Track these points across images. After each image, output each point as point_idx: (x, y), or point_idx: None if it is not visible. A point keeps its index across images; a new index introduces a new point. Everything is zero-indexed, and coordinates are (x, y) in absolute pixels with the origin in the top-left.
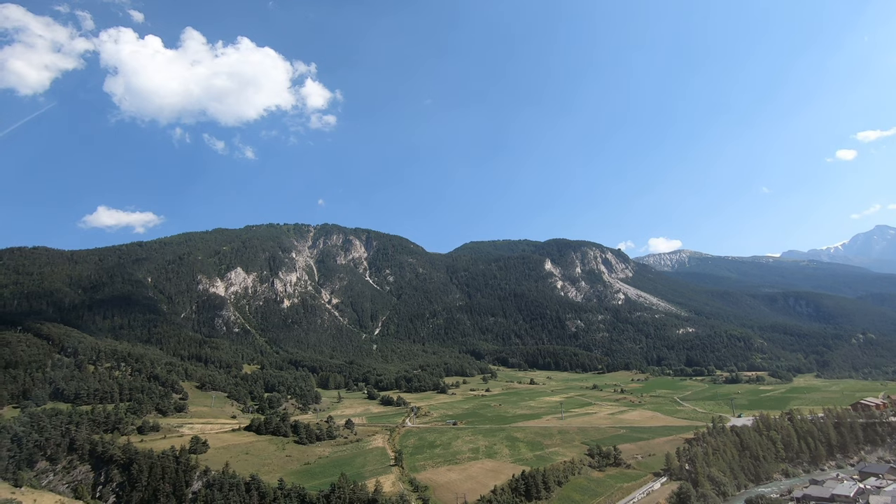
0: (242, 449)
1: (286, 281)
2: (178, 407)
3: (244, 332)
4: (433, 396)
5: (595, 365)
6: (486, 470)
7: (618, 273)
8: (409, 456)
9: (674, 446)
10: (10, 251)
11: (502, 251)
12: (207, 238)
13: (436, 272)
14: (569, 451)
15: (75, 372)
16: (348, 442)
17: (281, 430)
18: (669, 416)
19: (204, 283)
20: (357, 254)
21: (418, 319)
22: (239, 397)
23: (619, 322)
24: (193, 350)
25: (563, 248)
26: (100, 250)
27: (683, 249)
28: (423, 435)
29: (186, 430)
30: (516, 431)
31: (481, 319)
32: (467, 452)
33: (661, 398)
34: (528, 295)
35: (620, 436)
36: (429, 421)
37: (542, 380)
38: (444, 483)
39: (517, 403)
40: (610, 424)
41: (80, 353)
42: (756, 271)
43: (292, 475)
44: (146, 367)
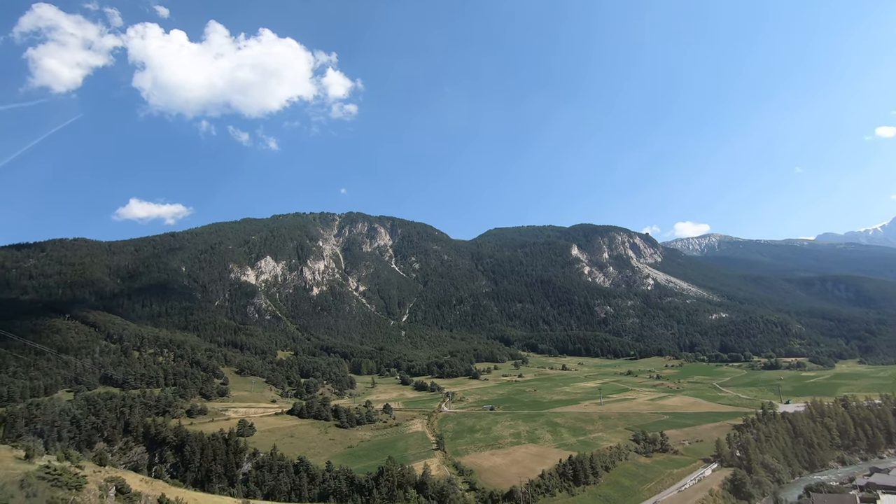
0: (287, 432)
1: (314, 269)
2: (220, 391)
3: (275, 319)
4: (466, 382)
5: (627, 351)
6: (531, 454)
7: (646, 258)
8: (450, 440)
9: (721, 433)
10: (52, 243)
11: (527, 237)
12: (236, 228)
13: (461, 259)
14: (613, 437)
15: (122, 358)
16: (388, 426)
17: (322, 415)
18: (712, 403)
19: (235, 271)
20: (382, 241)
21: (445, 306)
22: (276, 382)
23: (650, 308)
24: (229, 337)
25: (590, 234)
26: (135, 241)
27: (712, 233)
28: (461, 420)
29: (232, 413)
30: (556, 417)
31: (508, 306)
32: (509, 437)
33: (700, 384)
34: (555, 281)
35: (664, 422)
36: (465, 406)
37: (574, 366)
38: (489, 467)
39: (552, 389)
40: (652, 410)
41: (124, 339)
42: (790, 255)
43: (337, 458)
44: (187, 353)
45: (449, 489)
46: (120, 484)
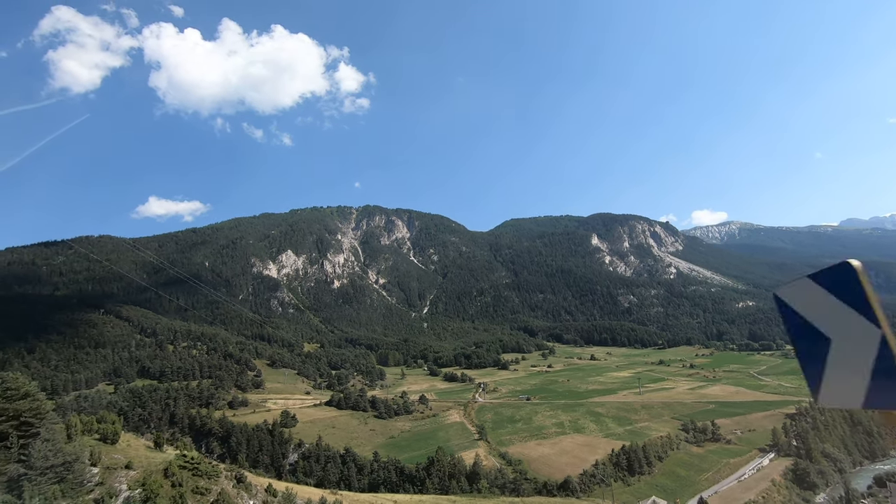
0: (328, 423)
1: (334, 262)
2: (255, 383)
3: (298, 312)
4: (495, 373)
5: (654, 340)
6: (579, 444)
7: (667, 246)
8: (492, 430)
9: (773, 421)
10: (79, 240)
11: (544, 227)
12: (256, 223)
13: (479, 250)
14: (660, 426)
15: (157, 351)
16: (425, 417)
17: (360, 405)
18: (756, 391)
19: (257, 265)
20: (400, 234)
21: (466, 297)
22: (308, 374)
23: (674, 296)
24: (256, 330)
25: (609, 223)
26: (158, 237)
27: (732, 221)
28: (498, 410)
29: (271, 404)
30: (596, 406)
31: (530, 296)
32: (552, 427)
33: (737, 373)
34: (575, 271)
35: (711, 411)
36: (499, 396)
37: (602, 356)
38: (536, 457)
39: (584, 379)
40: (694, 399)
41: (158, 333)
42: (813, 241)
43: (381, 448)
44: (220, 345)
45: (500, 479)
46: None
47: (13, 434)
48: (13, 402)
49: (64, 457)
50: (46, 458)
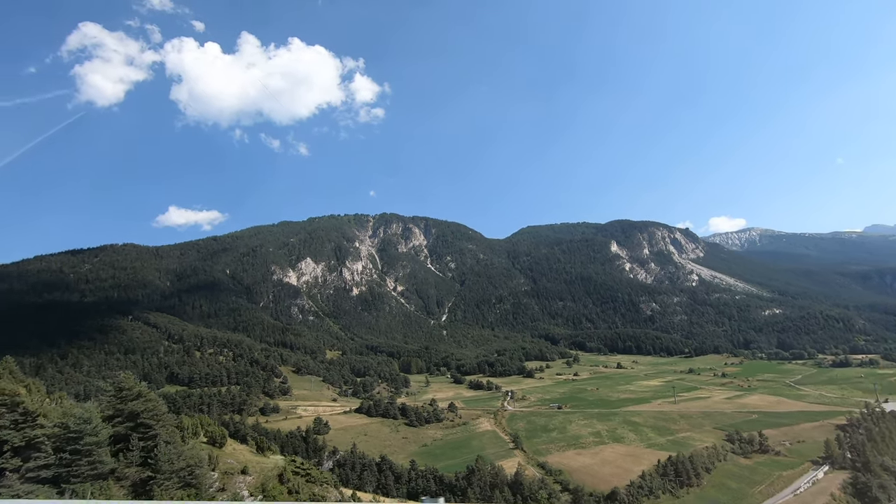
0: (360, 430)
1: (353, 269)
2: (282, 390)
3: (318, 319)
4: (520, 381)
5: (681, 348)
6: (621, 455)
7: (688, 253)
8: (526, 439)
9: (823, 432)
10: (103, 248)
11: (561, 234)
12: (275, 231)
13: (497, 258)
14: (703, 436)
15: (185, 357)
16: (455, 425)
17: (390, 413)
18: (798, 401)
19: (277, 273)
20: (417, 241)
21: (484, 305)
22: (333, 381)
23: (697, 304)
24: (278, 337)
25: (628, 230)
26: (179, 245)
27: (753, 228)
28: (530, 419)
29: (301, 411)
30: (632, 416)
31: (549, 304)
32: (589, 436)
33: (771, 382)
34: (595, 278)
35: (754, 421)
36: (529, 405)
37: (629, 364)
38: (578, 468)
39: (614, 388)
40: (735, 409)
41: (185, 339)
42: (838, 248)
43: (415, 456)
44: (245, 352)
45: (542, 490)
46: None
47: (134, 436)
48: (128, 403)
49: (187, 460)
50: (171, 462)
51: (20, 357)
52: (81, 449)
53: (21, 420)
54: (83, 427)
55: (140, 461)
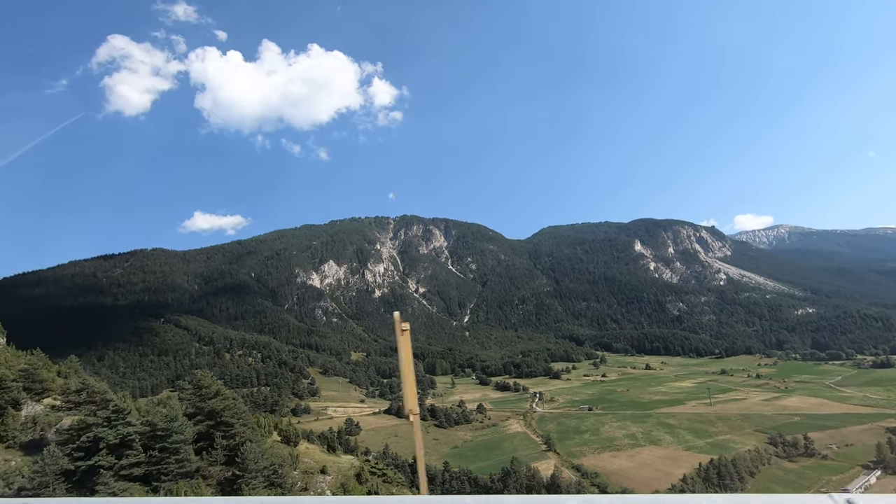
0: (390, 431)
1: (375, 271)
2: (310, 391)
3: (342, 320)
4: (547, 382)
5: (710, 349)
6: (659, 457)
7: (715, 252)
8: (559, 441)
9: (873, 435)
10: (133, 253)
11: (583, 234)
12: (297, 234)
13: (518, 258)
14: (744, 439)
15: (216, 359)
16: (485, 426)
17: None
18: (841, 403)
19: (301, 276)
20: (437, 243)
21: (507, 306)
22: (360, 382)
23: (726, 304)
24: (303, 339)
25: (652, 228)
26: (206, 249)
27: (781, 225)
28: (560, 420)
29: (332, 412)
30: (666, 418)
31: (573, 304)
32: (623, 439)
33: (810, 384)
34: (619, 278)
35: (796, 423)
36: (558, 406)
37: (657, 365)
38: (614, 470)
39: (644, 389)
40: (774, 411)
41: (215, 341)
42: (872, 244)
43: (447, 458)
44: (273, 354)
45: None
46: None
47: (217, 435)
48: (207, 401)
49: (271, 459)
50: (256, 461)
51: (58, 359)
52: (169, 447)
53: (114, 418)
54: (171, 425)
55: (224, 460)
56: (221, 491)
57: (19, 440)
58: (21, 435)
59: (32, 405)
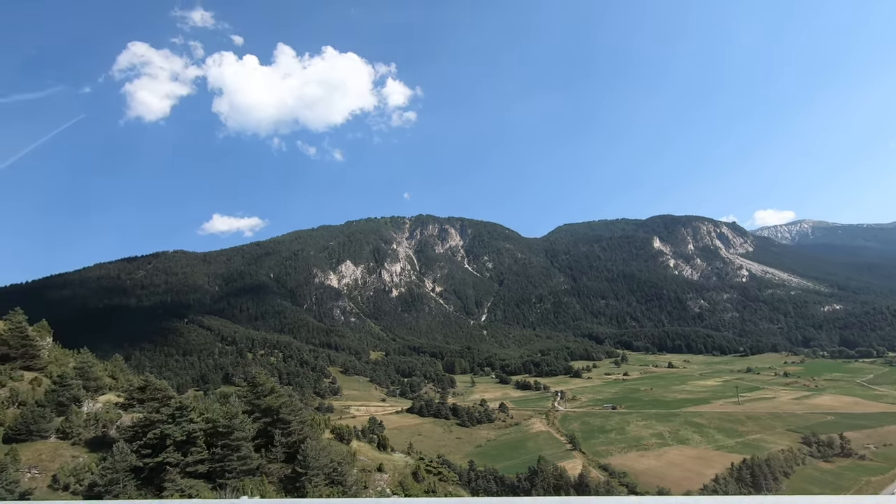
0: (414, 430)
1: (391, 271)
2: (332, 390)
3: (360, 320)
4: (568, 381)
5: (734, 347)
6: (688, 457)
7: (736, 248)
8: (584, 440)
9: None
10: (156, 255)
11: (600, 231)
12: (314, 235)
13: (534, 256)
14: (776, 439)
15: (238, 358)
16: (508, 425)
17: (442, 413)
18: (876, 402)
19: (319, 276)
20: (453, 242)
21: (524, 304)
22: (380, 381)
23: (749, 300)
24: (322, 338)
25: (671, 225)
26: (225, 251)
27: (804, 220)
28: (584, 419)
29: (355, 411)
30: (693, 417)
31: (591, 303)
32: (650, 438)
33: (841, 382)
34: (638, 275)
35: (831, 423)
36: (581, 405)
37: (679, 363)
38: (643, 470)
39: (668, 388)
40: (806, 410)
41: (238, 341)
42: None
43: (471, 457)
44: (294, 353)
45: (611, 493)
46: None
47: (276, 432)
48: (263, 398)
49: (331, 457)
50: (317, 459)
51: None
52: (232, 444)
53: (178, 414)
54: (231, 422)
55: (283, 457)
56: (284, 489)
57: (84, 437)
58: (85, 432)
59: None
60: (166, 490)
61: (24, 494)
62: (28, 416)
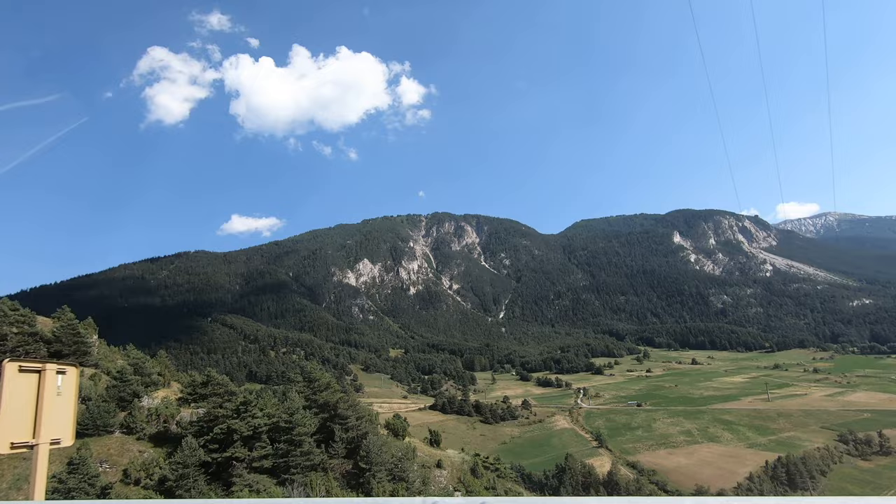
0: (437, 427)
1: (409, 269)
2: (354, 387)
3: (378, 318)
4: (590, 377)
5: (760, 343)
6: (720, 455)
7: (759, 242)
8: (610, 438)
9: None
10: (178, 256)
11: (617, 227)
12: (332, 234)
13: (552, 253)
14: (810, 437)
15: (261, 356)
16: (531, 422)
17: (465, 410)
18: None
19: (337, 274)
20: (470, 239)
21: (542, 301)
22: (401, 379)
23: (774, 295)
24: (342, 336)
25: (691, 219)
26: (245, 251)
27: (829, 212)
28: (608, 416)
29: (377, 408)
30: (722, 414)
31: (610, 299)
32: (678, 435)
33: (874, 378)
34: (658, 271)
35: (867, 420)
36: (604, 402)
37: (704, 360)
38: (673, 468)
39: (694, 384)
40: (840, 407)
41: (260, 339)
42: None
43: (496, 454)
44: (316, 351)
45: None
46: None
47: (336, 427)
48: (320, 394)
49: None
50: (379, 454)
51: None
52: (294, 439)
53: (242, 410)
54: (293, 418)
55: (344, 453)
56: (348, 485)
57: (147, 432)
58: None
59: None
60: (235, 485)
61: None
62: (94, 411)
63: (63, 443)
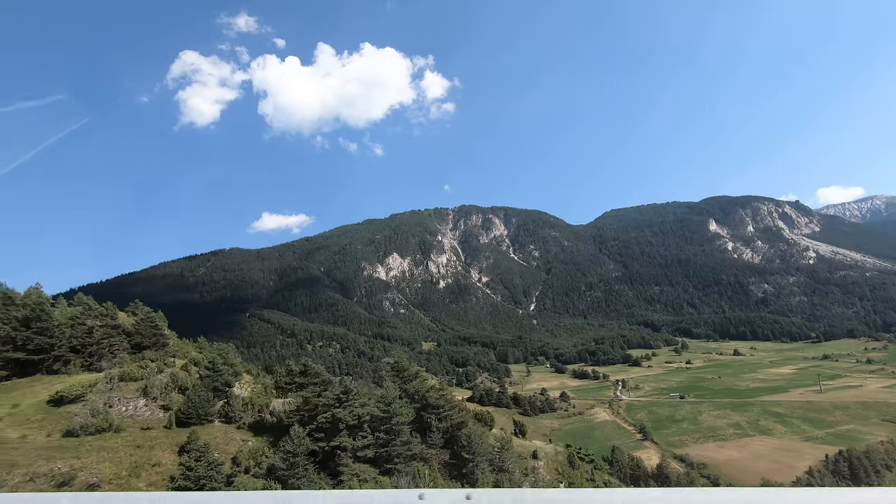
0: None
1: (438, 262)
2: None
3: (409, 311)
4: (627, 369)
5: (806, 333)
6: (774, 448)
7: (801, 228)
8: (654, 430)
9: None
10: (214, 253)
11: (649, 216)
12: (360, 229)
13: (582, 244)
14: (872, 430)
15: (299, 350)
16: (570, 415)
17: (503, 402)
18: None
19: (367, 269)
20: (498, 232)
21: (574, 293)
22: (435, 371)
23: (818, 283)
24: (375, 330)
25: (727, 206)
26: (277, 247)
27: (875, 196)
28: (650, 409)
29: None
30: (772, 406)
31: (644, 289)
32: (727, 428)
33: None
34: (694, 260)
35: None
36: (645, 394)
37: (746, 350)
38: (724, 462)
39: (738, 376)
40: None
41: (297, 333)
42: None
43: None
44: (351, 344)
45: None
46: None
47: (431, 417)
48: (409, 383)
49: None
50: (480, 444)
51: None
52: (394, 428)
53: (344, 398)
54: (391, 407)
55: (441, 443)
56: (450, 476)
57: (245, 421)
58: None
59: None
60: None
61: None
62: (195, 401)
63: None
